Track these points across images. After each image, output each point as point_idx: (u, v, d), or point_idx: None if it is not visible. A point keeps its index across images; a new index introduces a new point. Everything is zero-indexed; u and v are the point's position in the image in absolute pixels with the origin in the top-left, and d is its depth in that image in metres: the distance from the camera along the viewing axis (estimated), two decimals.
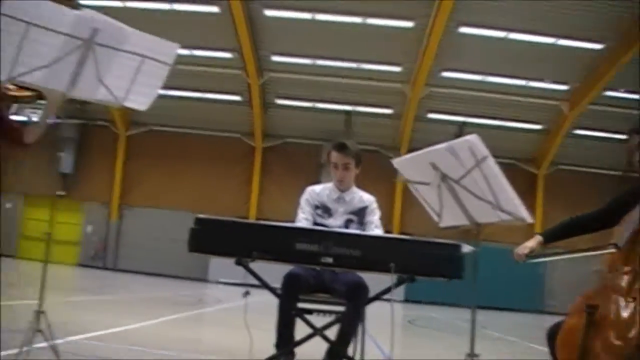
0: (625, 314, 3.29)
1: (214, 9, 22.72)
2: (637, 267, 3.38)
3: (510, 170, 28.08)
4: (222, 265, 23.72)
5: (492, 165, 3.49)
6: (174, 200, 30.20)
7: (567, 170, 29.30)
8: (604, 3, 20.45)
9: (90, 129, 30.40)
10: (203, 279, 27.67)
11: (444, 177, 3.69)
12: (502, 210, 3.58)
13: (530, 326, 19.14)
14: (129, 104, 3.83)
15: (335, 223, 5.30)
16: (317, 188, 5.55)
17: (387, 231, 5.50)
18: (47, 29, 3.36)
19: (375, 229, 5.28)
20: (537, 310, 25.76)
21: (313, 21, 22.95)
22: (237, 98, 28.45)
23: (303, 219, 5.36)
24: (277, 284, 4.81)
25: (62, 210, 30.76)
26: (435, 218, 4.12)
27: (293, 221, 5.46)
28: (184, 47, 24.49)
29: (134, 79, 3.72)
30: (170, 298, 16.50)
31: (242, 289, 4.57)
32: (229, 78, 26.89)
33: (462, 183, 3.64)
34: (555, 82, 24.93)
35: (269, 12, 22.88)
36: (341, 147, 5.38)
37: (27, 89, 3.81)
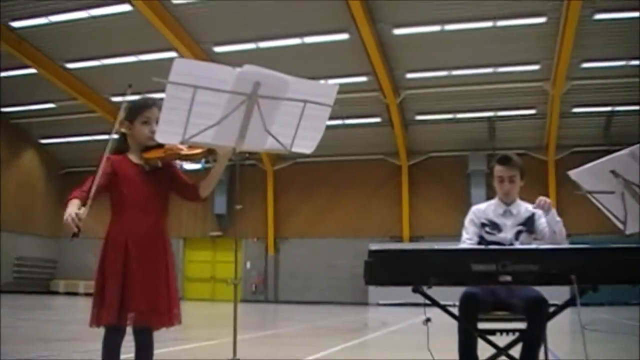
0: None
1: (344, 36, 23.12)
2: None
3: None
4: (381, 287, 23.79)
5: None
6: (326, 228, 30.68)
7: None
8: None
9: (238, 169, 31.30)
10: (363, 303, 27.79)
11: (627, 184, 3.58)
12: None
13: None
14: (296, 149, 3.94)
15: (506, 237, 5.22)
16: (481, 206, 5.50)
17: None
18: (212, 89, 3.53)
19: (557, 220, 5.10)
20: None
21: (442, 32, 22.86)
22: (376, 120, 28.69)
23: (466, 240, 5.30)
24: (448, 301, 4.76)
25: (221, 250, 31.93)
26: (620, 226, 3.98)
27: (446, 237, 5.45)
28: (319, 77, 25.09)
29: (299, 125, 3.83)
30: (336, 326, 16.64)
31: (405, 310, 4.57)
32: (366, 101, 27.16)
33: None
34: None
35: (398, 31, 23.01)
36: (505, 160, 5.31)
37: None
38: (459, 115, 28.22)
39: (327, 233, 30.61)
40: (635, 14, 21.62)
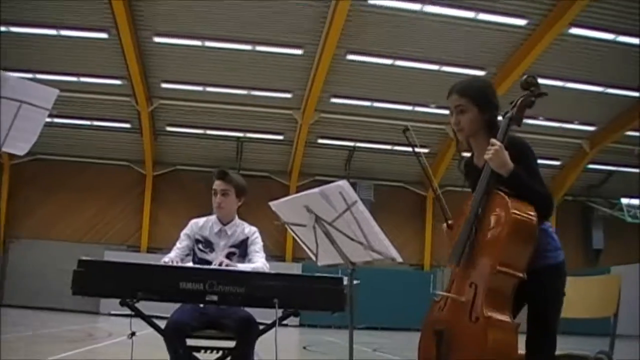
0: (469, 331, 3.44)
1: (103, 35, 22.35)
2: (477, 282, 3.53)
3: (401, 193, 29.04)
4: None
5: (362, 209, 3.68)
6: (63, 231, 29.43)
7: (453, 191, 29.97)
8: (487, 32, 21.45)
9: None
10: (95, 312, 26.97)
11: (318, 220, 3.86)
12: (374, 251, 3.78)
13: None
14: (7, 149, 3.80)
15: (217, 257, 5.28)
16: (200, 221, 5.59)
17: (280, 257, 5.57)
18: None
19: (257, 255, 5.33)
20: None
21: (203, 48, 22.98)
22: (126, 125, 28.05)
23: (166, 257, 5.23)
24: (169, 313, 4.80)
25: None
26: (313, 257, 4.26)
27: None
28: (72, 74, 24.15)
29: (12, 125, 3.70)
30: (60, 334, 16.02)
31: (134, 320, 4.55)
32: (118, 105, 26.55)
33: (335, 225, 3.83)
34: (440, 107, 25.67)
35: (159, 39, 22.76)
36: (221, 175, 5.46)
37: None
38: (209, 132, 28.32)
39: (65, 236, 29.30)
40: (385, 61, 23.24)
